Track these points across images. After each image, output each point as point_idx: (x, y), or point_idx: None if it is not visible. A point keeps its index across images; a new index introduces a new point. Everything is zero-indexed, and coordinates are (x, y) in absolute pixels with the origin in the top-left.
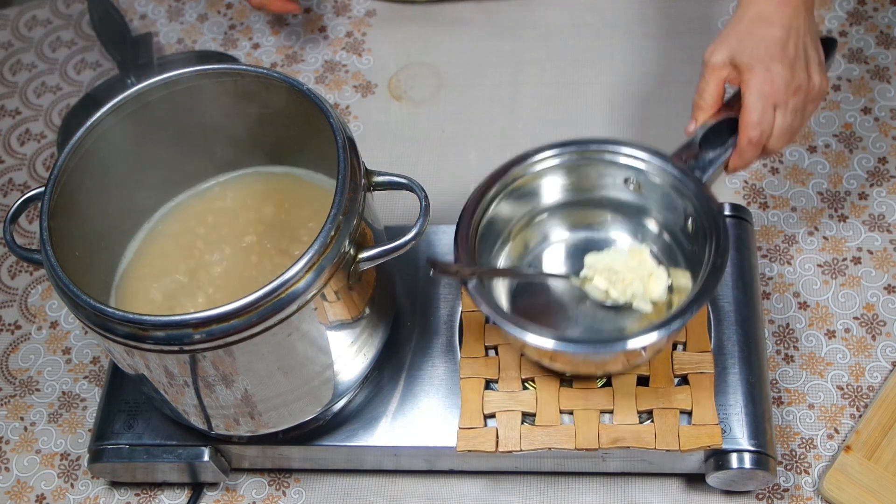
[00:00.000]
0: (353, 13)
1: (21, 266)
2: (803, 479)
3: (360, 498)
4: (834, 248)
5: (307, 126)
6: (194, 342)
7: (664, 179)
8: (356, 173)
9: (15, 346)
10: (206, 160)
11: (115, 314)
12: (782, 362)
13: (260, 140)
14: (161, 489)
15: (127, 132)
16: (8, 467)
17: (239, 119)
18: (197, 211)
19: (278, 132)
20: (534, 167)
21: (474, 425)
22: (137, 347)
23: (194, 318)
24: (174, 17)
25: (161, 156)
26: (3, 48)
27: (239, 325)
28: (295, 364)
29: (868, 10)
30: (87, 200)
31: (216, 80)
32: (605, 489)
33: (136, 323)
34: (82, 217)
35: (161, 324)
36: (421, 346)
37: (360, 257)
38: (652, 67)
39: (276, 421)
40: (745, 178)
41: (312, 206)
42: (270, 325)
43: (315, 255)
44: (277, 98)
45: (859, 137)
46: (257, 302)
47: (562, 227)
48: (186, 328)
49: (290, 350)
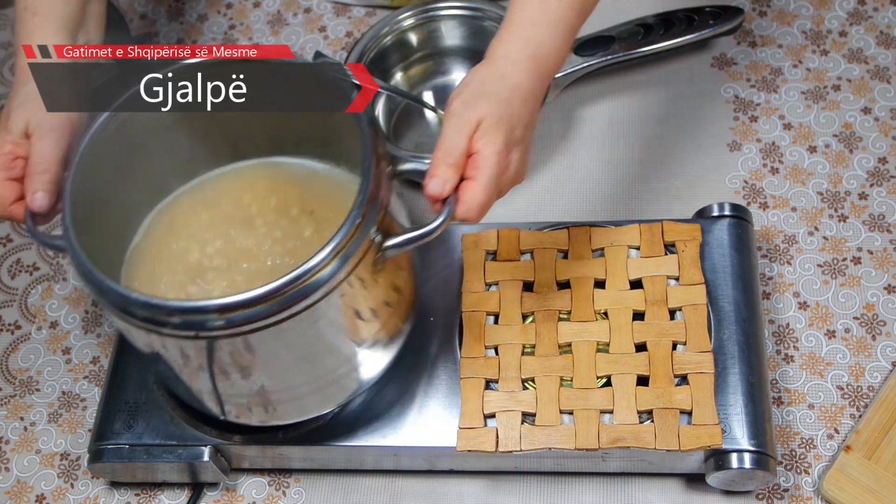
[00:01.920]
0: (353, 13)
1: (21, 266)
2: (803, 479)
3: (360, 498)
4: (834, 248)
5: (330, 115)
6: (216, 328)
7: None
8: (381, 158)
9: (15, 346)
10: (229, 146)
11: (138, 299)
12: (782, 362)
13: (281, 128)
14: (161, 489)
15: (146, 118)
16: (8, 467)
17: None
18: (217, 197)
19: (300, 120)
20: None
21: (474, 425)
22: (158, 332)
23: (217, 304)
24: (174, 17)
25: (181, 140)
26: (3, 48)
27: (263, 312)
28: (317, 353)
29: (868, 10)
30: (106, 185)
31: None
32: (605, 489)
33: (157, 308)
34: (102, 202)
35: (183, 309)
36: (421, 345)
37: (388, 244)
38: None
39: (295, 412)
40: (746, 178)
41: (333, 199)
42: (295, 311)
43: (342, 241)
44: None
45: (859, 137)
46: (283, 287)
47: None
48: (209, 314)
49: (315, 339)
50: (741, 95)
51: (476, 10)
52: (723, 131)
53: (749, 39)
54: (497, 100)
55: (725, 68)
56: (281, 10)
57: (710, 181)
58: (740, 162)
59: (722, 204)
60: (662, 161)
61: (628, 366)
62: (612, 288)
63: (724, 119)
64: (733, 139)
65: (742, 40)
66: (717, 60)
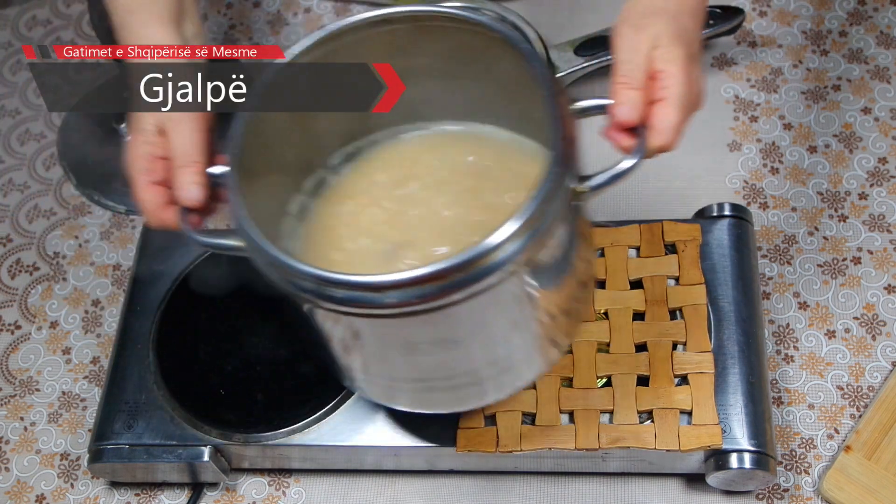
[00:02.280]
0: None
1: (21, 266)
2: (803, 479)
3: (360, 498)
4: (834, 248)
5: (511, 82)
6: (432, 297)
7: None
8: (563, 95)
9: (15, 346)
10: (403, 110)
11: (348, 280)
12: (782, 362)
13: (459, 94)
14: (161, 489)
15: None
16: (8, 467)
17: (439, 70)
18: (390, 163)
19: (479, 87)
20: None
21: (474, 425)
22: (368, 314)
23: (423, 274)
24: None
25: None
26: (3, 48)
27: (490, 268)
28: (523, 321)
29: (868, 10)
30: (267, 163)
31: (426, 23)
32: (605, 489)
33: (367, 287)
34: (263, 184)
35: (408, 280)
36: None
37: (586, 186)
38: None
39: (475, 398)
40: (746, 178)
41: (511, 166)
42: (513, 269)
43: (549, 186)
44: (483, 51)
45: (859, 137)
46: (510, 238)
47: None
48: (419, 285)
49: (525, 301)
50: (741, 95)
51: (476, 10)
52: (723, 131)
53: (749, 39)
54: (669, 15)
55: (725, 68)
56: (281, 10)
57: (710, 181)
58: (740, 162)
59: (722, 204)
60: (662, 161)
61: (628, 366)
62: (612, 288)
63: (724, 119)
64: (733, 139)
65: (742, 40)
66: (717, 60)
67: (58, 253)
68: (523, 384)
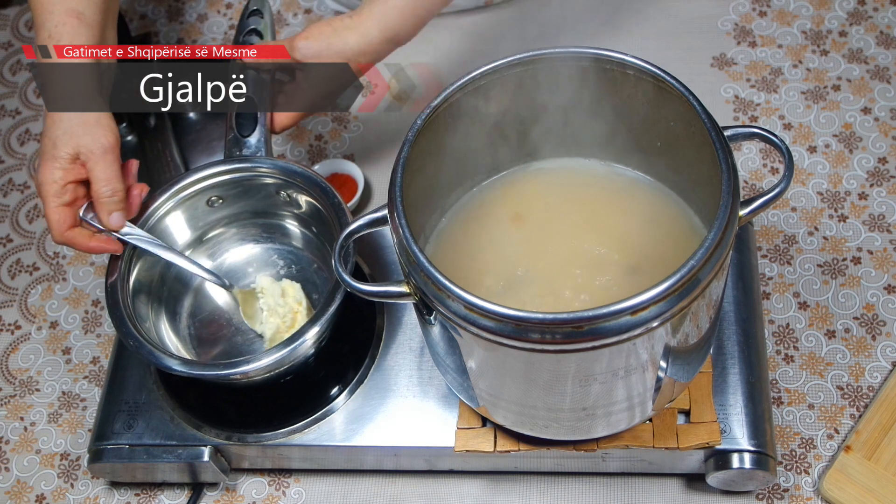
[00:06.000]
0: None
1: (21, 266)
2: (803, 479)
3: (360, 498)
4: (834, 248)
5: (663, 123)
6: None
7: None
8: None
9: (15, 346)
10: (549, 142)
11: (534, 317)
12: (782, 362)
13: (603, 131)
14: (161, 489)
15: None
16: (8, 467)
17: (585, 106)
18: (521, 196)
19: (626, 125)
20: None
21: (472, 425)
22: (552, 350)
23: (628, 306)
24: (174, 17)
25: (496, 135)
26: (3, 48)
27: (668, 306)
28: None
29: (868, 10)
30: (421, 191)
31: (574, 62)
32: (605, 489)
33: (553, 323)
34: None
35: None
36: (421, 345)
37: (742, 213)
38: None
39: (606, 427)
40: (745, 177)
41: (643, 211)
42: (693, 297)
43: (724, 220)
44: (632, 89)
45: (859, 137)
46: (688, 273)
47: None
48: (618, 316)
49: (692, 329)
50: (741, 95)
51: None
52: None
53: (749, 39)
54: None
55: (725, 68)
56: (281, 10)
57: None
58: (740, 162)
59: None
60: None
61: None
62: None
63: (724, 119)
64: None
65: (742, 40)
66: (717, 60)
67: (58, 253)
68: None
